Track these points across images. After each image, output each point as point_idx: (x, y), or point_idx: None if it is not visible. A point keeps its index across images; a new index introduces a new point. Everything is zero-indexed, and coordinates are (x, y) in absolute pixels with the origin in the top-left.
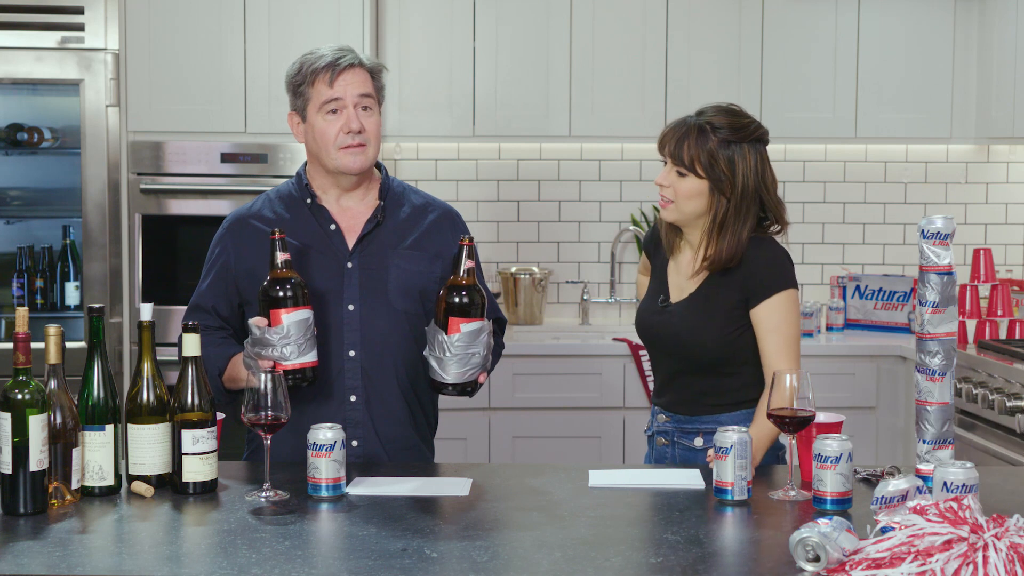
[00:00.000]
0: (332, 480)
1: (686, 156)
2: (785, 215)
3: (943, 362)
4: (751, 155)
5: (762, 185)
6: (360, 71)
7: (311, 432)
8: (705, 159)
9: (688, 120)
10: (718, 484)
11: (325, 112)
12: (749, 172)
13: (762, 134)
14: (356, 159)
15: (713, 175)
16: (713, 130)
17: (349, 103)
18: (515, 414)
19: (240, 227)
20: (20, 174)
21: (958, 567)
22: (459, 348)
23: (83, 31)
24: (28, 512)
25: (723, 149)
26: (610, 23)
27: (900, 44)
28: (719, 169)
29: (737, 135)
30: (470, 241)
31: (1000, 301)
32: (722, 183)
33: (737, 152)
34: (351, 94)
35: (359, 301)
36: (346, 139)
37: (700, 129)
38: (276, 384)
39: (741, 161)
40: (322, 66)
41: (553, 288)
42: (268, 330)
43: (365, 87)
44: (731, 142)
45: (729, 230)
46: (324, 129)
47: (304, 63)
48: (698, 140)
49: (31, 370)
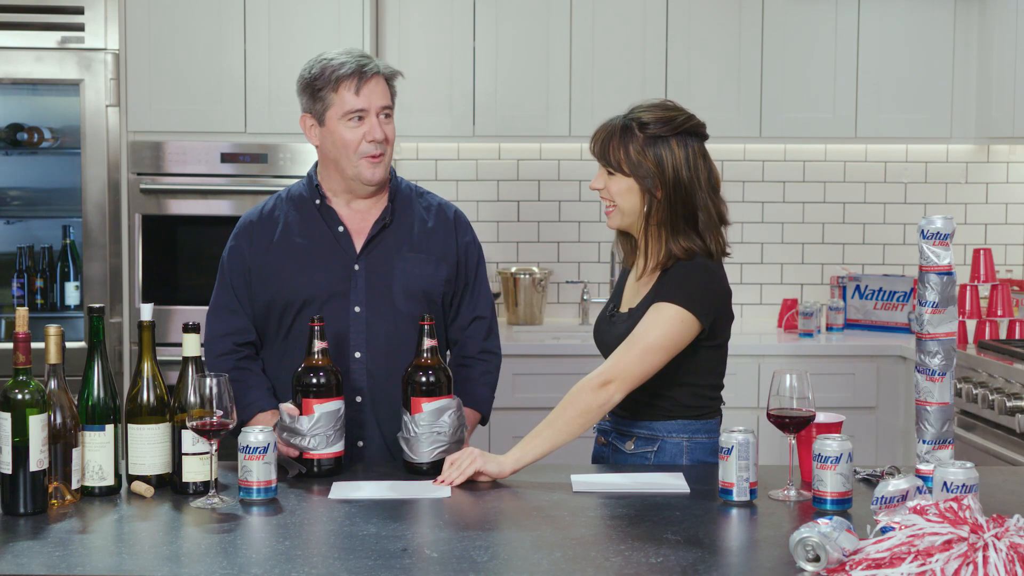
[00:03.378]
0: (264, 483)
1: (611, 156)
2: (727, 214)
3: (943, 362)
4: (680, 149)
5: (696, 180)
6: (382, 80)
7: (242, 435)
8: (630, 156)
9: (614, 120)
10: (722, 484)
11: (348, 120)
12: (680, 166)
13: (695, 127)
14: (376, 171)
15: (639, 172)
16: (640, 127)
17: (373, 112)
18: (515, 414)
19: (250, 228)
20: (20, 174)
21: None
22: (424, 427)
23: (83, 31)
24: (28, 512)
25: (649, 146)
26: (610, 23)
27: (900, 44)
28: (646, 166)
29: (665, 128)
30: (430, 320)
31: (1000, 301)
32: (650, 180)
33: (664, 147)
34: (375, 104)
35: (365, 303)
36: (369, 148)
37: (624, 128)
38: (223, 389)
39: (669, 156)
40: (347, 73)
41: (553, 288)
42: (299, 419)
43: (386, 97)
44: (658, 137)
45: (668, 229)
46: (347, 137)
47: (326, 67)
48: (622, 138)
49: (31, 370)
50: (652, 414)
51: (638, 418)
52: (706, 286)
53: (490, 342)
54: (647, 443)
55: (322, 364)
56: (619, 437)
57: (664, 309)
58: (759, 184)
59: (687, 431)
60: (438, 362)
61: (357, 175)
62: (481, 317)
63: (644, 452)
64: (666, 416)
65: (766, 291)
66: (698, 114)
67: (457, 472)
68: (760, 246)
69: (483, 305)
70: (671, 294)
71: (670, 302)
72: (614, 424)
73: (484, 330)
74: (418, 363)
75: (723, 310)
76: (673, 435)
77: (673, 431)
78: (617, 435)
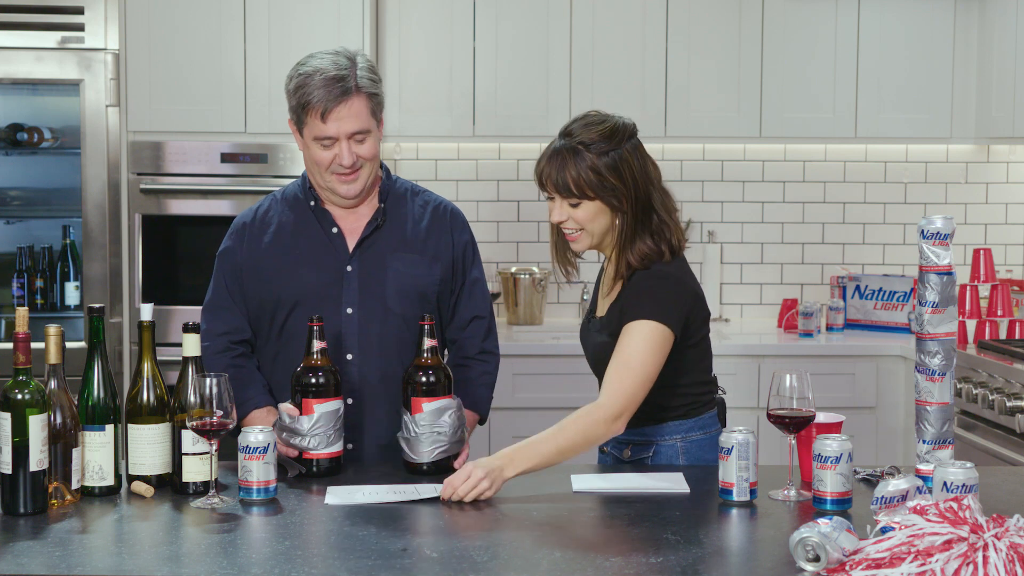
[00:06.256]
0: (263, 483)
1: (572, 184)
2: (674, 202)
3: (943, 362)
4: (631, 155)
5: (650, 182)
6: (356, 102)
7: (242, 435)
8: (591, 179)
9: (558, 146)
10: (722, 484)
11: (318, 143)
12: (637, 174)
13: (631, 130)
14: (351, 187)
15: (604, 191)
16: (586, 147)
17: (343, 138)
18: (515, 414)
19: (243, 229)
20: (20, 174)
21: (958, 567)
22: (424, 427)
23: (83, 31)
24: (28, 512)
25: (604, 163)
26: (610, 23)
27: (900, 44)
28: (608, 183)
29: (610, 143)
30: (431, 320)
31: (1000, 301)
32: (616, 195)
33: (617, 160)
34: (344, 131)
35: (358, 305)
36: (339, 169)
37: (574, 152)
38: (223, 389)
39: (625, 167)
40: (315, 102)
41: (553, 288)
42: (299, 419)
43: (359, 121)
44: (608, 151)
45: (636, 235)
46: (318, 156)
47: (299, 86)
48: (576, 163)
49: (31, 370)
50: (644, 420)
51: (630, 425)
52: (667, 293)
53: (489, 342)
54: (643, 449)
55: (321, 364)
56: (616, 445)
57: (637, 329)
58: (759, 184)
59: (679, 431)
60: (438, 362)
61: (331, 190)
62: (480, 317)
63: (641, 458)
64: (657, 420)
65: (766, 291)
66: (698, 114)
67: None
68: (760, 246)
69: (482, 305)
70: (637, 311)
71: (640, 319)
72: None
73: (483, 330)
74: (418, 363)
75: (693, 311)
76: (667, 438)
77: (666, 434)
78: (614, 443)
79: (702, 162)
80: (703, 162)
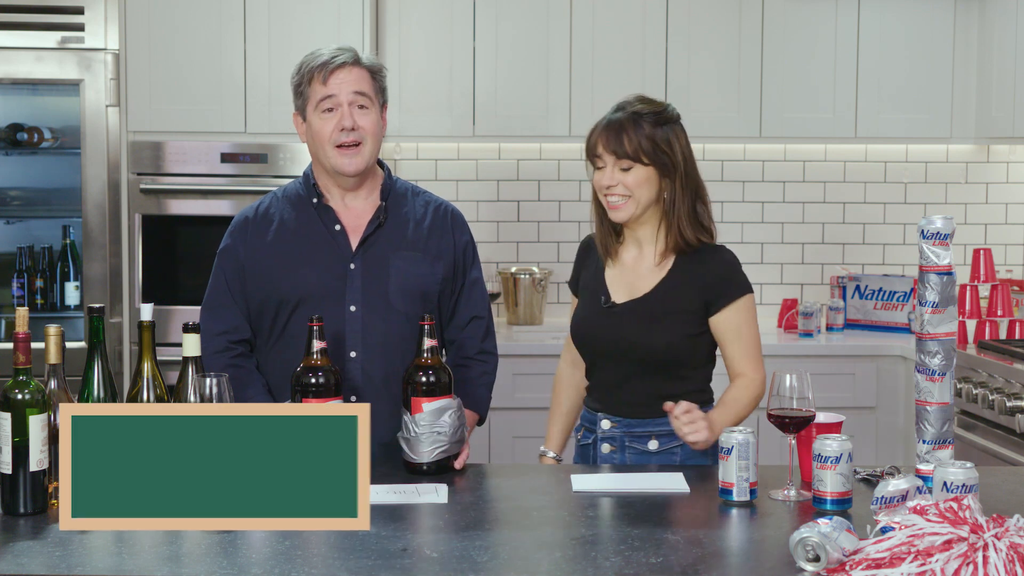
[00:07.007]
0: None
1: (629, 147)
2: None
3: (943, 362)
4: (681, 134)
5: (693, 162)
6: (357, 69)
7: None
8: (647, 145)
9: (615, 116)
10: (722, 484)
11: (321, 111)
12: (686, 152)
13: (678, 114)
14: (352, 161)
15: (657, 159)
16: (643, 117)
17: (344, 100)
18: (515, 414)
19: (245, 226)
20: (20, 174)
21: (958, 567)
22: (424, 427)
23: (83, 31)
24: (28, 512)
25: (660, 133)
26: (610, 23)
27: (900, 44)
28: (661, 151)
29: (662, 118)
30: (431, 320)
31: (1000, 301)
32: (667, 165)
33: (670, 134)
34: (345, 91)
35: (361, 303)
36: (340, 136)
37: (632, 119)
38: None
39: (676, 140)
40: (317, 64)
41: (553, 288)
42: None
43: (360, 85)
44: (661, 124)
45: (683, 209)
46: (319, 127)
47: (303, 63)
48: (635, 130)
49: (31, 370)
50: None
51: (651, 416)
52: (738, 263)
53: (488, 342)
54: (671, 439)
55: (321, 364)
56: (636, 439)
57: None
58: (759, 184)
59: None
60: (438, 362)
61: (333, 166)
62: (479, 317)
63: (671, 448)
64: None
65: (766, 291)
66: (698, 114)
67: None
68: (760, 246)
69: (481, 305)
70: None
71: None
72: (625, 429)
73: (482, 330)
74: (418, 363)
75: None
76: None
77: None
78: (632, 438)
79: (702, 162)
80: (703, 162)
